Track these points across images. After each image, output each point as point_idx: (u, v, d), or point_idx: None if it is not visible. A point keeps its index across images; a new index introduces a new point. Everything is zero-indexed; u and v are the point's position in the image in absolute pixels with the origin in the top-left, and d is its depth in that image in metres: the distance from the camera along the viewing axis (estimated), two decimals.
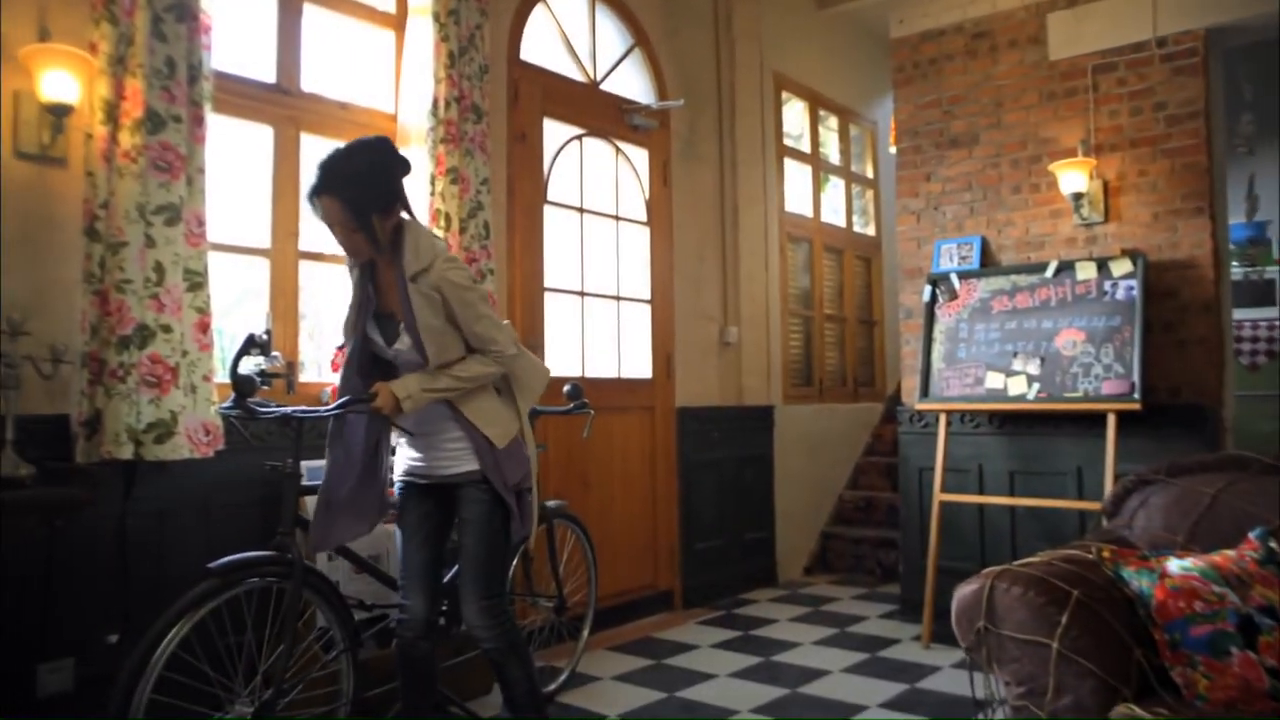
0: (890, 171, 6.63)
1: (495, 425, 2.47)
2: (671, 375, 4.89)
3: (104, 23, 2.73)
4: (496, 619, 2.44)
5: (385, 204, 2.39)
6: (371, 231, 2.36)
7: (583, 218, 4.53)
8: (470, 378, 2.43)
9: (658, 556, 4.77)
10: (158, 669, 2.11)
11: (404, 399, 2.36)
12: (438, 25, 3.60)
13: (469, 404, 2.45)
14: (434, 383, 2.40)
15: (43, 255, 2.70)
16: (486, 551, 2.46)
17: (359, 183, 2.35)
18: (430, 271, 2.39)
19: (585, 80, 4.64)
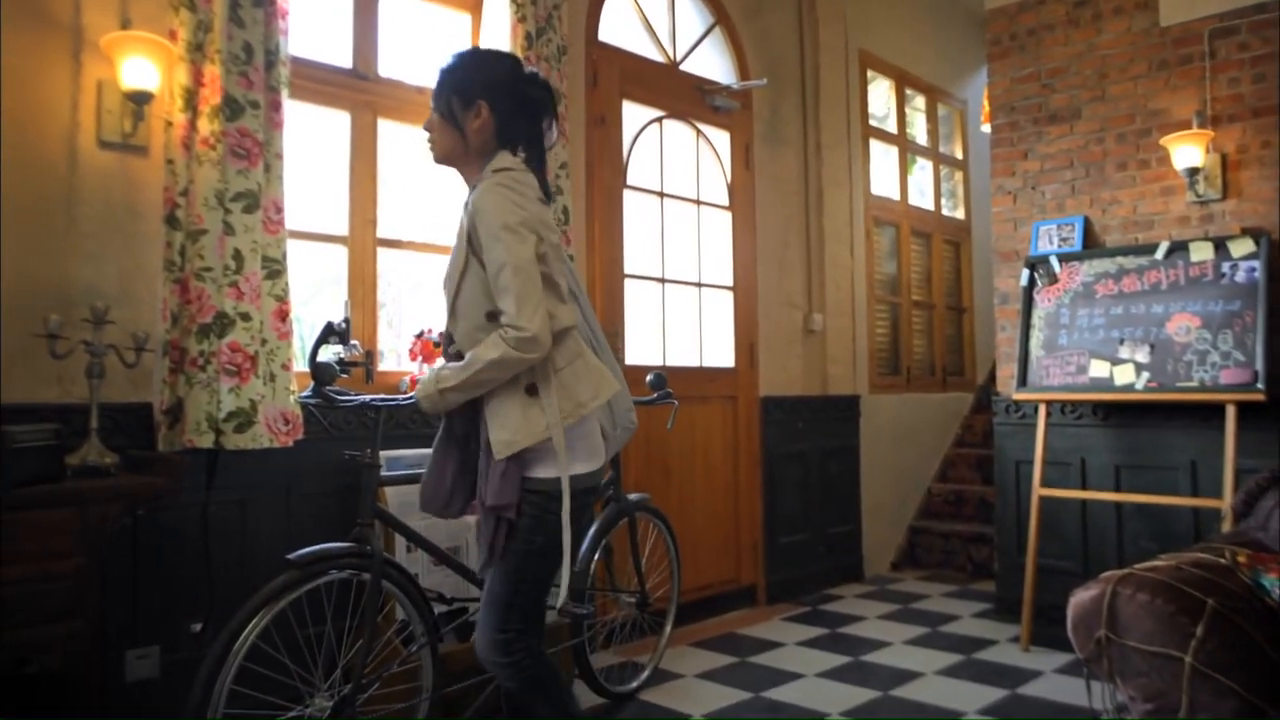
0: (980, 152, 6.37)
1: (503, 430, 1.97)
2: (755, 364, 4.75)
3: (183, 9, 2.72)
4: (510, 655, 2.00)
5: (469, 99, 2.07)
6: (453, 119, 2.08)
7: (663, 202, 4.42)
8: (477, 365, 1.94)
9: (740, 550, 4.64)
10: (238, 660, 2.08)
11: (421, 399, 2.02)
12: (515, 6, 3.52)
13: (493, 396, 2.01)
14: (447, 380, 1.98)
15: (126, 244, 2.70)
16: (501, 578, 2.01)
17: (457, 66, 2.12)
18: (481, 184, 2.02)
19: (665, 61, 4.52)
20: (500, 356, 1.92)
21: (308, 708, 2.27)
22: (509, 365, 1.94)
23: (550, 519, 1.98)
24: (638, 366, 4.09)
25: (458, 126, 2.09)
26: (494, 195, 1.97)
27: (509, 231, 1.94)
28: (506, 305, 1.92)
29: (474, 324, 2.00)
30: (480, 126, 2.08)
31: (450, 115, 2.09)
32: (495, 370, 1.94)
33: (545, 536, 1.99)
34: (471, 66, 2.12)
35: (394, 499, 2.88)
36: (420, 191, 3.62)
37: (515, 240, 1.94)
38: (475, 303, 2.00)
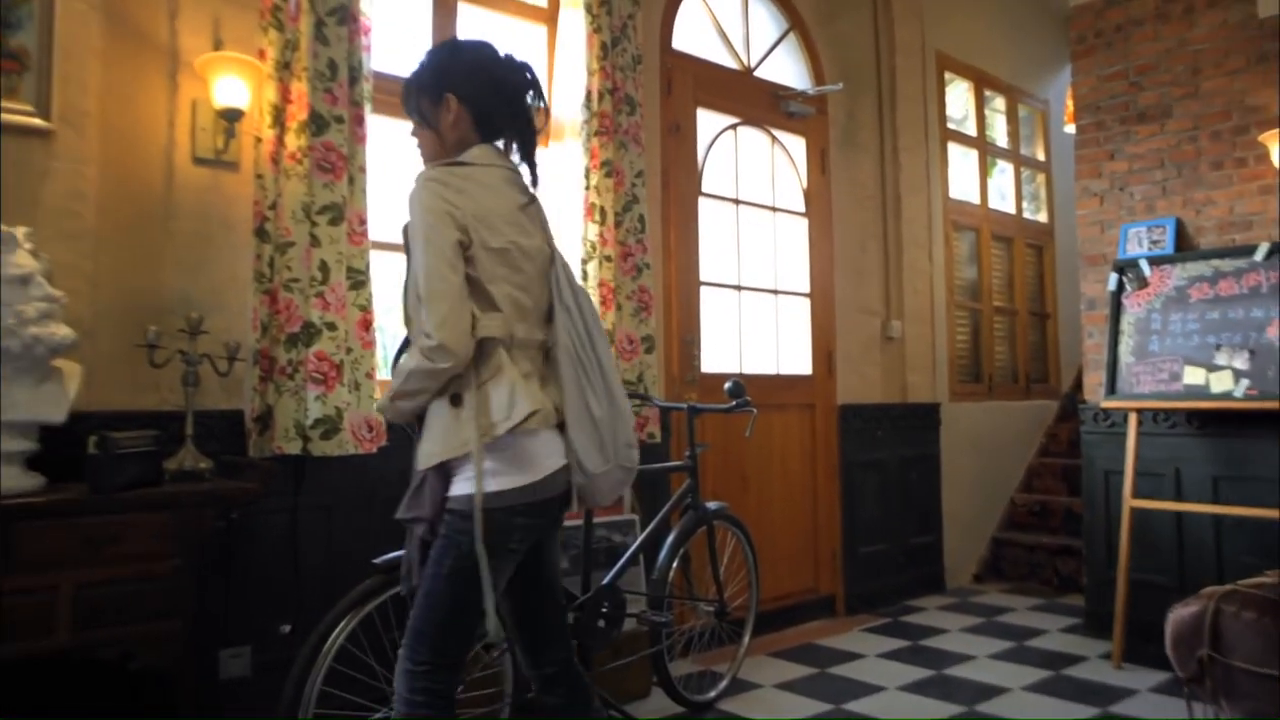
0: (1063, 153, 6.20)
1: (428, 440, 1.86)
2: (832, 371, 4.69)
3: (271, 29, 2.81)
4: (411, 691, 1.81)
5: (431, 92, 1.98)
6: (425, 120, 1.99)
7: (738, 209, 4.40)
8: (398, 374, 1.86)
9: (819, 560, 4.58)
10: (327, 662, 2.13)
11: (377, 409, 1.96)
12: (590, 17, 3.55)
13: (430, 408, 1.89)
14: (392, 388, 1.89)
15: (218, 256, 2.79)
16: (422, 601, 1.84)
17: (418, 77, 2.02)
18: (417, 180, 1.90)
19: (739, 68, 4.51)
20: (415, 366, 1.80)
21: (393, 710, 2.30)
22: (424, 375, 1.80)
23: (463, 540, 1.80)
24: (714, 374, 4.08)
25: (432, 126, 1.99)
26: (421, 191, 1.84)
27: (429, 227, 1.80)
28: (419, 314, 1.80)
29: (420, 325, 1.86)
30: (454, 121, 1.96)
31: (423, 116, 1.99)
32: (416, 380, 1.81)
33: (455, 560, 1.80)
34: (437, 61, 2.02)
35: None
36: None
37: (427, 242, 1.80)
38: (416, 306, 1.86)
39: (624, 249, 3.56)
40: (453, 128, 1.97)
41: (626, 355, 3.53)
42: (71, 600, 2.12)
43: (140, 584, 2.22)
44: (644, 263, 3.60)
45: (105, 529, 2.16)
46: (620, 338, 3.51)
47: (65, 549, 2.13)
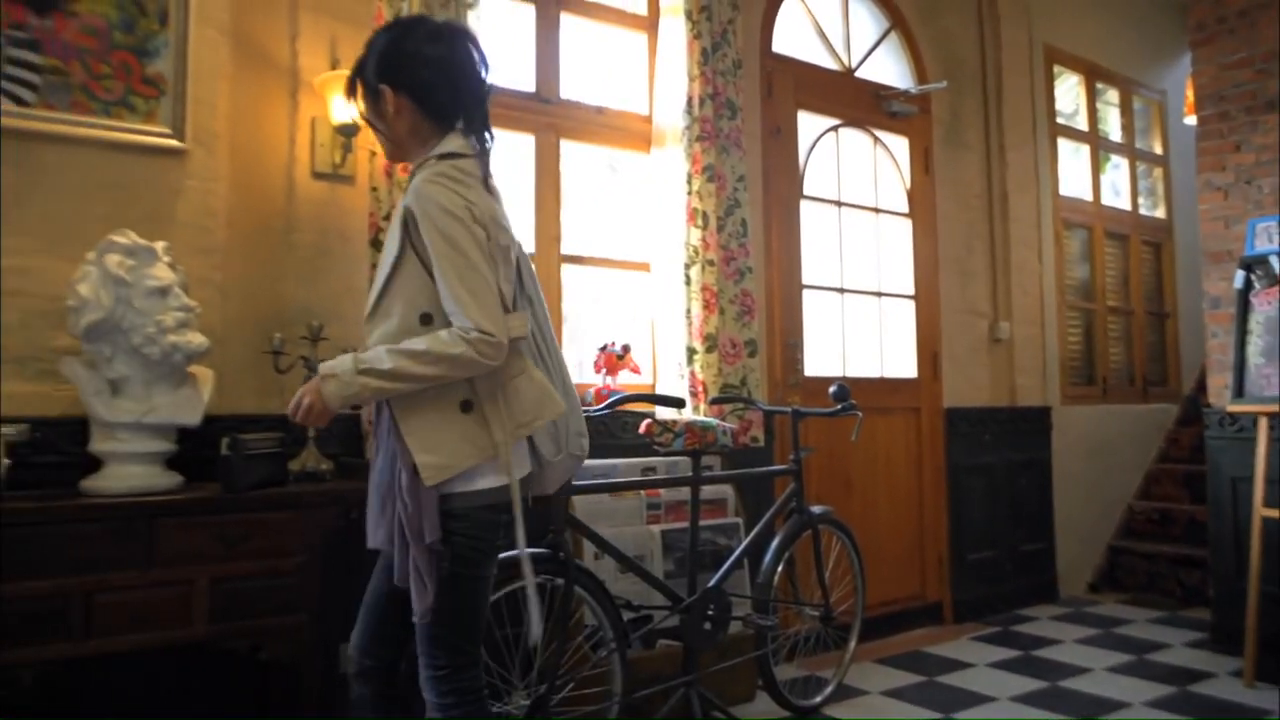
0: (1182, 146, 5.94)
1: (433, 453, 1.73)
2: (938, 374, 4.60)
3: None
4: (439, 694, 1.80)
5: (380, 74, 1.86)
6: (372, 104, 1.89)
7: (840, 211, 4.36)
8: (426, 356, 1.69)
9: (925, 566, 4.49)
10: None
11: (328, 378, 1.72)
12: (690, 23, 3.57)
13: (410, 413, 1.76)
14: (375, 360, 1.71)
15: (336, 266, 2.91)
16: (436, 608, 1.77)
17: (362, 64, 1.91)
18: (417, 175, 1.81)
19: (839, 69, 4.47)
20: (459, 354, 1.68)
21: (508, 704, 2.37)
22: (462, 366, 1.71)
23: (457, 541, 1.76)
24: (817, 378, 4.05)
25: (381, 119, 1.89)
26: (439, 185, 1.74)
27: (459, 224, 1.72)
28: (460, 306, 1.70)
29: (403, 325, 1.76)
30: (396, 112, 1.86)
31: (370, 115, 1.91)
32: (447, 368, 1.70)
33: (451, 562, 1.76)
34: (365, 56, 1.90)
35: (580, 507, 2.96)
36: (599, 207, 3.73)
37: (466, 235, 1.72)
38: (409, 302, 1.76)
39: (726, 253, 3.56)
40: (398, 119, 1.86)
41: (729, 359, 3.53)
42: (207, 593, 2.25)
43: (269, 580, 2.33)
44: (746, 266, 3.60)
45: (237, 527, 2.28)
46: (723, 341, 3.52)
47: (201, 545, 2.25)
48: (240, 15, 2.82)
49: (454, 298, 1.71)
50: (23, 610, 2.04)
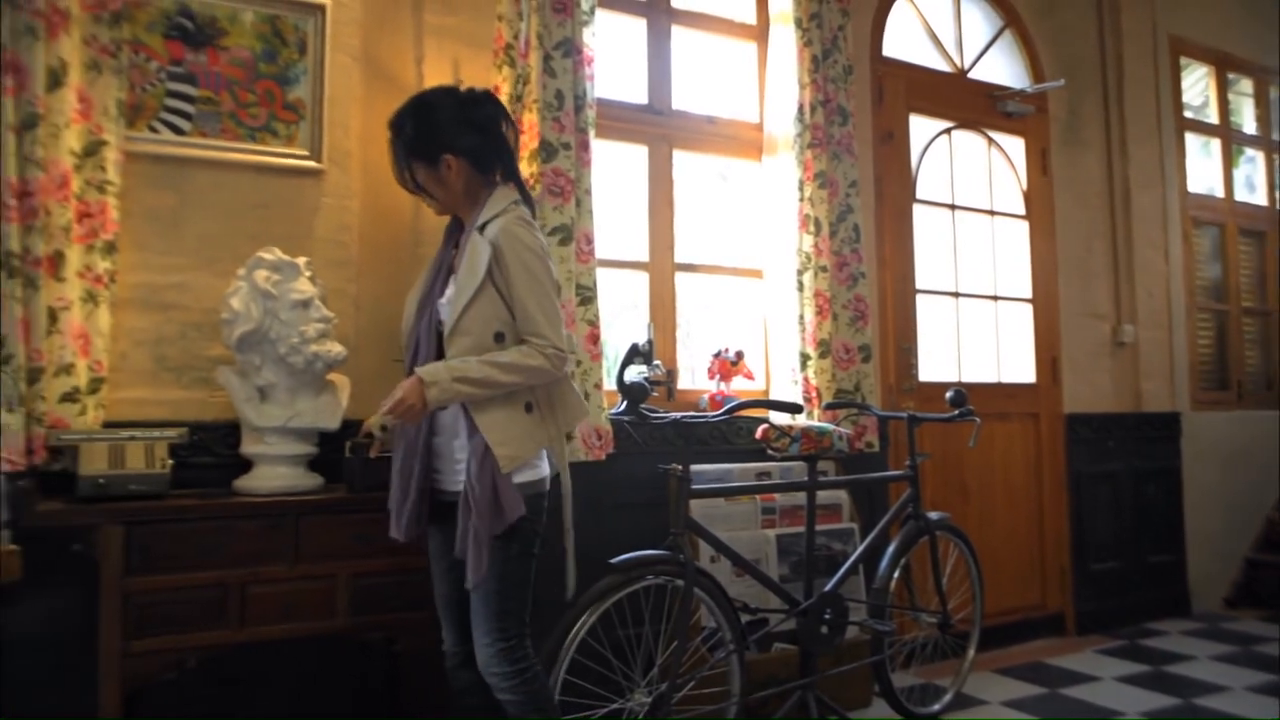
0: None
1: (508, 444, 2.05)
2: (1058, 379, 4.49)
3: (504, 66, 3.03)
4: (515, 665, 2.05)
5: (441, 148, 2.15)
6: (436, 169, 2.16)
7: (954, 214, 4.30)
8: (511, 366, 2.03)
9: (1045, 575, 4.38)
10: (570, 653, 2.28)
11: (430, 385, 1.99)
12: (800, 31, 3.59)
13: (486, 412, 2.06)
14: (467, 370, 2.01)
15: None
16: (498, 584, 2.05)
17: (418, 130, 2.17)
18: (499, 220, 2.11)
19: (952, 70, 4.41)
20: (537, 365, 2.06)
21: (629, 701, 2.43)
22: (539, 376, 2.08)
23: (519, 525, 2.06)
24: (932, 383, 4.01)
25: (439, 184, 2.18)
26: (523, 229, 2.11)
27: (539, 260, 2.10)
28: (538, 327, 2.07)
29: (479, 342, 2.06)
30: (457, 174, 2.17)
31: (425, 184, 2.19)
32: (525, 376, 2.06)
33: (520, 544, 2.09)
34: (419, 126, 2.17)
35: (696, 510, 3.01)
36: (711, 215, 3.78)
37: (546, 270, 2.11)
38: (485, 323, 2.07)
39: (839, 259, 3.57)
40: (458, 179, 2.17)
41: (843, 364, 3.53)
42: (347, 588, 2.39)
43: (400, 576, 2.46)
44: (859, 272, 3.60)
45: (372, 526, 2.41)
46: (836, 347, 3.52)
47: (341, 542, 2.40)
48: (370, 41, 2.98)
49: (533, 319, 2.07)
50: (190, 599, 2.21)
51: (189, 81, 2.72)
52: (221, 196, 2.73)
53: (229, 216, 2.73)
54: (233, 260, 2.63)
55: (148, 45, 2.67)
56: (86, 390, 2.44)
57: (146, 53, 2.66)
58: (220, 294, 2.56)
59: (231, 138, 2.76)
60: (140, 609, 2.18)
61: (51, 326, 2.38)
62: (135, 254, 2.61)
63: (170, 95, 2.69)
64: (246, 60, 2.79)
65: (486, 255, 2.06)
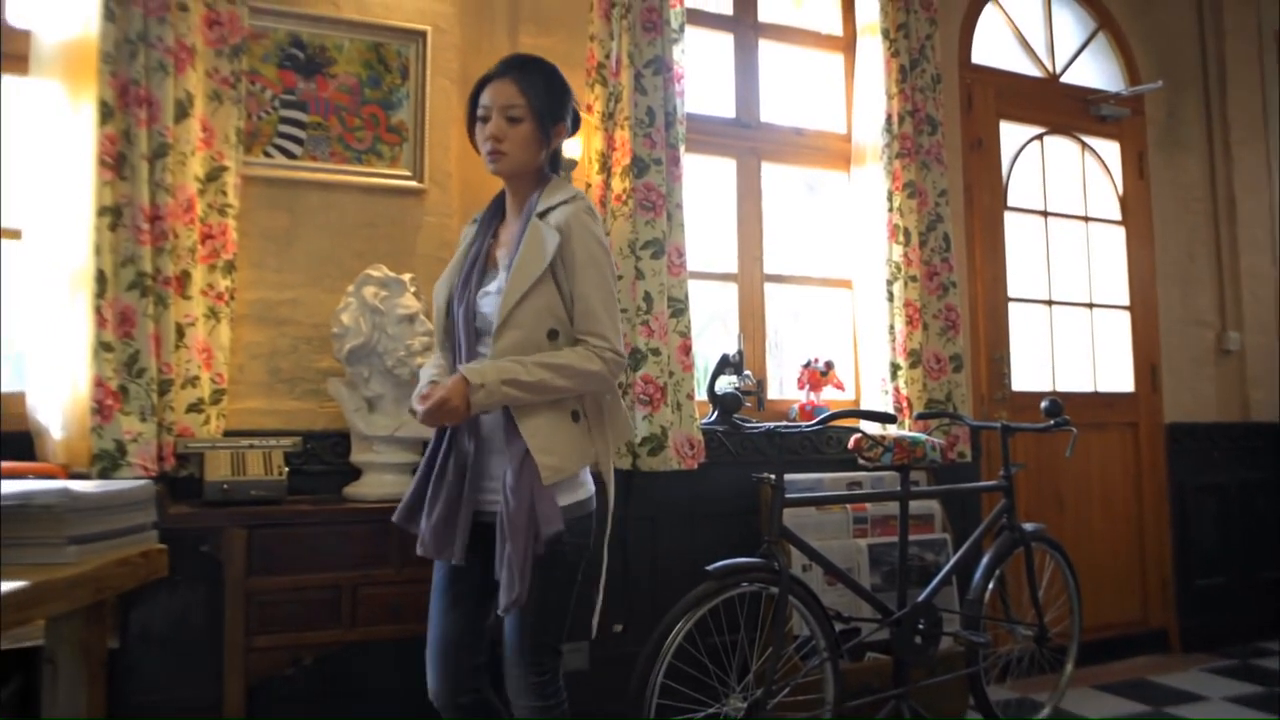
0: None
1: (551, 453, 1.84)
2: (1158, 388, 4.37)
3: (596, 84, 3.12)
4: (546, 700, 1.90)
5: (561, 116, 2.02)
6: (544, 130, 1.97)
7: (1046, 221, 4.24)
8: (566, 370, 1.84)
9: (1147, 590, 4.26)
10: (667, 658, 2.33)
11: (477, 387, 1.78)
12: (887, 41, 3.60)
13: (530, 418, 1.85)
14: (517, 372, 1.80)
15: None
16: (537, 612, 1.88)
17: (552, 82, 2.01)
18: (567, 206, 1.94)
19: (1042, 75, 4.35)
20: (596, 370, 1.87)
21: (724, 705, 2.47)
22: (596, 382, 1.90)
23: (563, 549, 1.87)
24: (1025, 392, 3.95)
25: (545, 140, 1.99)
26: (593, 220, 1.95)
27: (606, 255, 1.94)
28: (600, 326, 1.89)
29: (531, 338, 1.87)
30: (551, 145, 2.02)
31: (523, 138, 1.95)
32: (580, 382, 1.87)
33: (562, 570, 1.89)
34: (559, 83, 2.03)
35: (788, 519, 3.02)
36: (798, 227, 3.81)
37: (610, 268, 1.95)
38: (539, 317, 1.87)
39: (929, 268, 3.55)
40: (547, 150, 2.02)
41: (934, 374, 3.51)
42: None
43: None
44: (949, 281, 3.57)
45: None
46: (927, 356, 3.50)
47: None
48: (467, 65, 3.09)
49: (596, 317, 1.89)
50: (306, 599, 2.33)
51: (300, 108, 2.87)
52: (331, 216, 2.87)
53: (338, 235, 2.86)
54: (341, 277, 2.77)
55: (263, 75, 2.83)
56: (209, 401, 2.59)
57: (262, 82, 2.83)
58: (330, 309, 2.69)
59: (340, 160, 2.90)
60: (261, 607, 2.30)
61: (179, 341, 2.55)
62: (252, 272, 2.77)
63: (283, 122, 2.85)
64: (353, 86, 2.94)
65: (554, 243, 1.87)
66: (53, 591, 1.23)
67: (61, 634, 1.42)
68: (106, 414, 2.38)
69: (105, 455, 2.36)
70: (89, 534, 1.36)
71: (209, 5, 2.68)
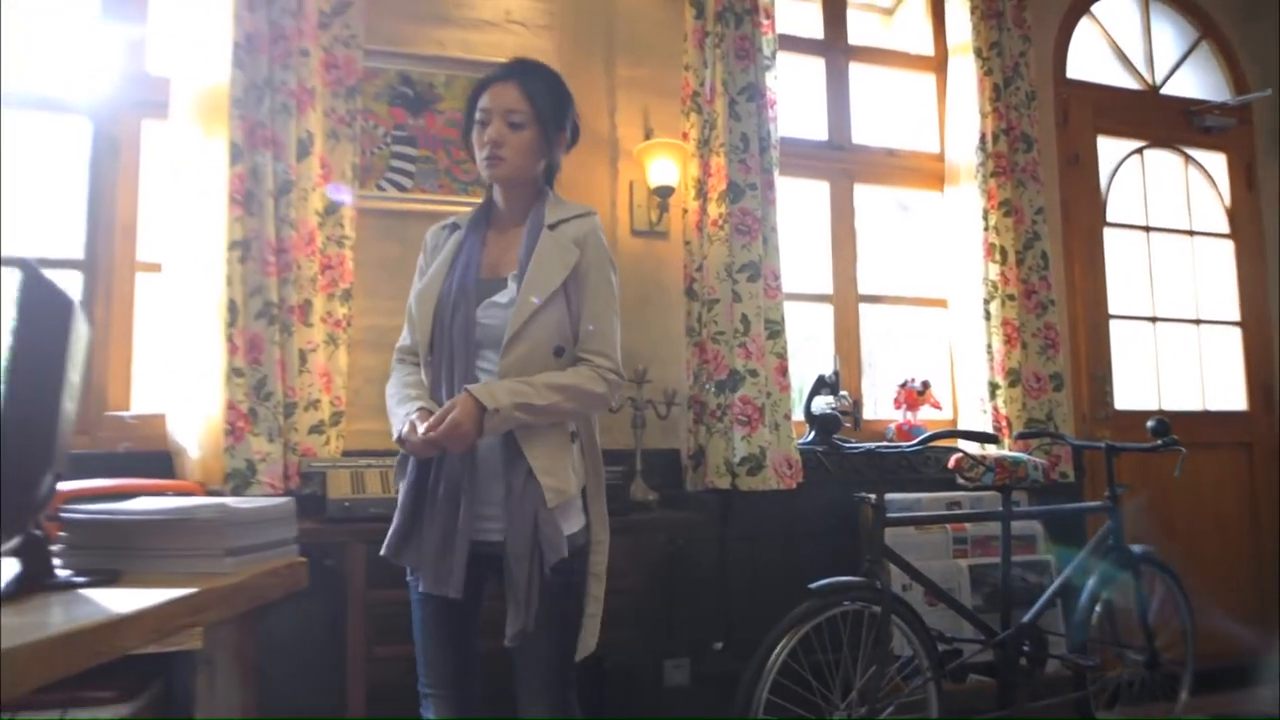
0: None
1: (553, 475, 1.76)
2: (1272, 406, 4.22)
3: (692, 114, 3.20)
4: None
5: (562, 125, 1.94)
6: (546, 137, 1.88)
7: (1149, 237, 4.15)
8: (574, 392, 1.77)
9: (1265, 618, 4.10)
10: (772, 673, 2.36)
11: (492, 412, 1.68)
12: (980, 60, 3.60)
13: (534, 438, 1.76)
14: (530, 396, 1.71)
15: (655, 314, 3.21)
16: (558, 648, 1.80)
17: (555, 89, 1.93)
18: (583, 221, 1.87)
19: (1141, 88, 4.27)
20: (600, 393, 1.80)
21: None
22: (598, 404, 1.84)
23: (576, 580, 1.82)
24: (1129, 411, 3.87)
25: (546, 149, 1.91)
26: (604, 239, 1.89)
27: (615, 275, 1.89)
28: (607, 346, 1.83)
29: (538, 353, 1.78)
30: (551, 154, 1.93)
31: (525, 144, 1.86)
32: (584, 405, 1.81)
33: (575, 602, 1.83)
34: (562, 91, 1.95)
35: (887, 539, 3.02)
36: (891, 246, 3.82)
37: (617, 285, 1.89)
38: (548, 332, 1.79)
39: (1026, 287, 3.52)
40: (545, 158, 1.93)
41: (1033, 393, 3.48)
42: None
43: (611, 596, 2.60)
44: (1048, 299, 3.54)
45: None
46: (1026, 375, 3.47)
47: None
48: None
49: (605, 337, 1.83)
50: None
51: (410, 143, 3.01)
52: None
53: None
54: None
55: (375, 113, 2.99)
56: (329, 422, 2.74)
57: (375, 120, 2.98)
58: None
59: (447, 192, 3.03)
60: (380, 619, 2.42)
61: (302, 366, 2.70)
62: (366, 300, 2.91)
63: (394, 156, 3.00)
64: (459, 121, 3.06)
65: (573, 257, 1.81)
66: (216, 598, 1.34)
67: (218, 638, 1.53)
68: (238, 435, 2.54)
69: (237, 474, 2.52)
70: (243, 546, 1.47)
71: (327, 49, 2.84)
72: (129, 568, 1.40)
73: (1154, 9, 4.35)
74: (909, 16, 3.94)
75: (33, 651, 0.97)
